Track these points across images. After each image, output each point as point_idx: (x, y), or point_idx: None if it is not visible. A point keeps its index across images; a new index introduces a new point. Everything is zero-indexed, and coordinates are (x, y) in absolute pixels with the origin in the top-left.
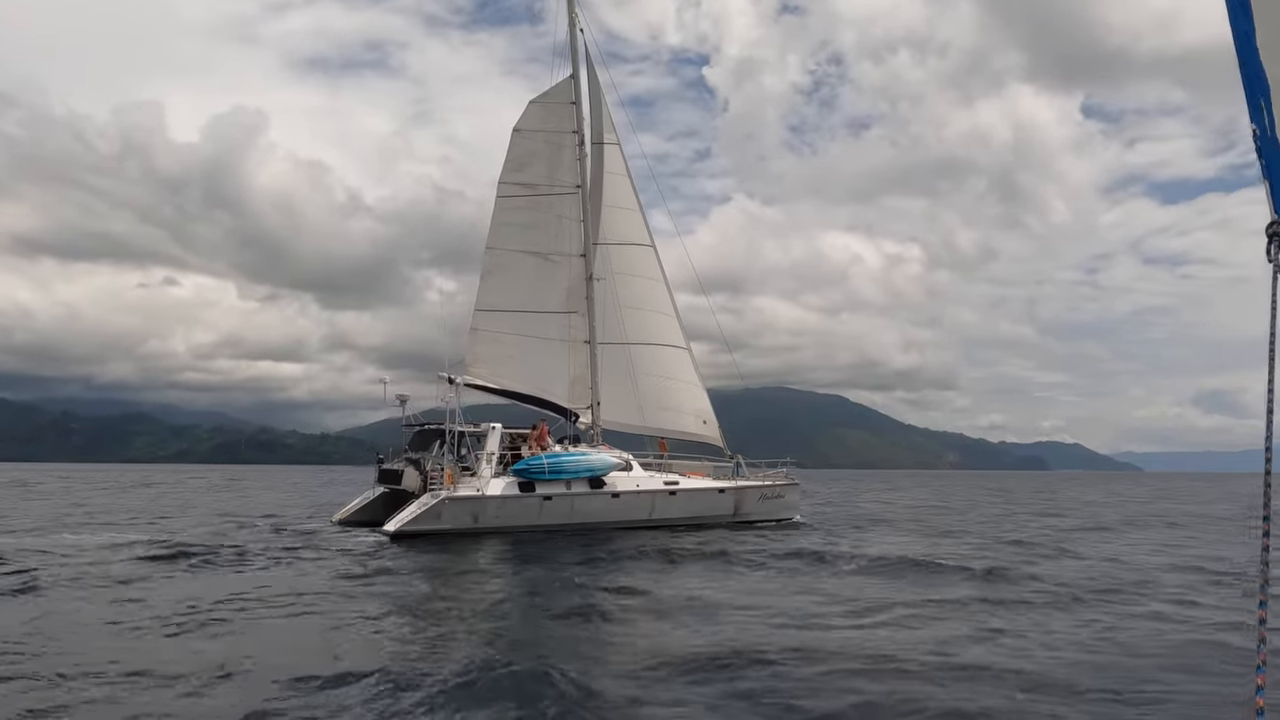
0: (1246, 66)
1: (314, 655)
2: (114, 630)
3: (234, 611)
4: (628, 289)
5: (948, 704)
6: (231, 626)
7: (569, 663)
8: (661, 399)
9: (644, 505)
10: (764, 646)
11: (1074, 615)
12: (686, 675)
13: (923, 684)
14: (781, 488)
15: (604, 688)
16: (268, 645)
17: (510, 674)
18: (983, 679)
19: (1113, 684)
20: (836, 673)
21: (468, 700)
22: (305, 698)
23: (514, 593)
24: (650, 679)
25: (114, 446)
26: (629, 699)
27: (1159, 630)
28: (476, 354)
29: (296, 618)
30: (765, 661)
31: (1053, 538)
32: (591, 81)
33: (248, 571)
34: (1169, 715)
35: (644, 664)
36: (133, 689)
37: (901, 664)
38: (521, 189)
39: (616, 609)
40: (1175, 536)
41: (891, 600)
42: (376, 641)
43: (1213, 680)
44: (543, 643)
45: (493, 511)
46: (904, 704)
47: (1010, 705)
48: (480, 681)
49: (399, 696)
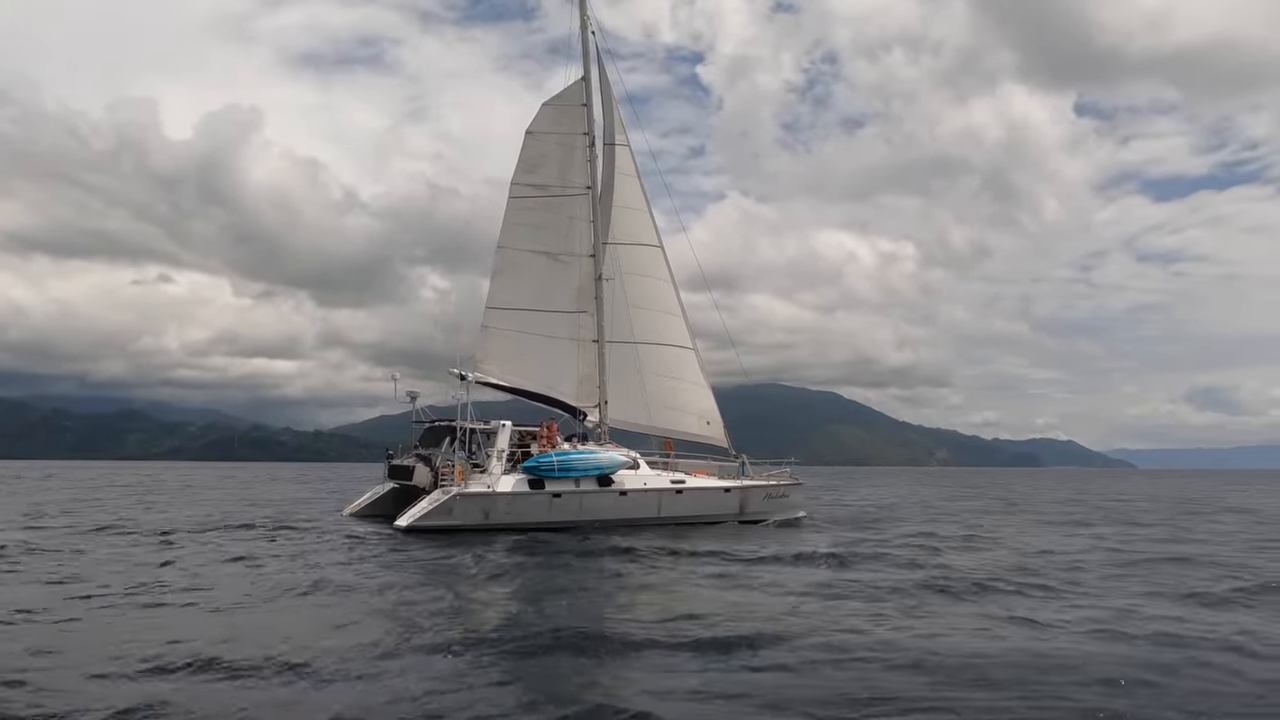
0: None
1: (334, 640)
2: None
3: (259, 601)
4: (636, 289)
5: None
6: (257, 615)
7: (583, 655)
8: (668, 399)
9: (651, 503)
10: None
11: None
12: (688, 670)
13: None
14: (786, 487)
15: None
16: (283, 631)
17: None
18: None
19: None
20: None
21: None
22: (303, 687)
23: (524, 588)
24: (661, 670)
25: (106, 444)
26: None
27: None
28: (487, 351)
29: (308, 610)
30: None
31: (982, 531)
32: (603, 83)
33: (263, 565)
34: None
35: (655, 655)
36: (198, 683)
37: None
38: (534, 190)
39: (625, 601)
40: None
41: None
42: (395, 631)
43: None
44: (557, 634)
45: (503, 508)
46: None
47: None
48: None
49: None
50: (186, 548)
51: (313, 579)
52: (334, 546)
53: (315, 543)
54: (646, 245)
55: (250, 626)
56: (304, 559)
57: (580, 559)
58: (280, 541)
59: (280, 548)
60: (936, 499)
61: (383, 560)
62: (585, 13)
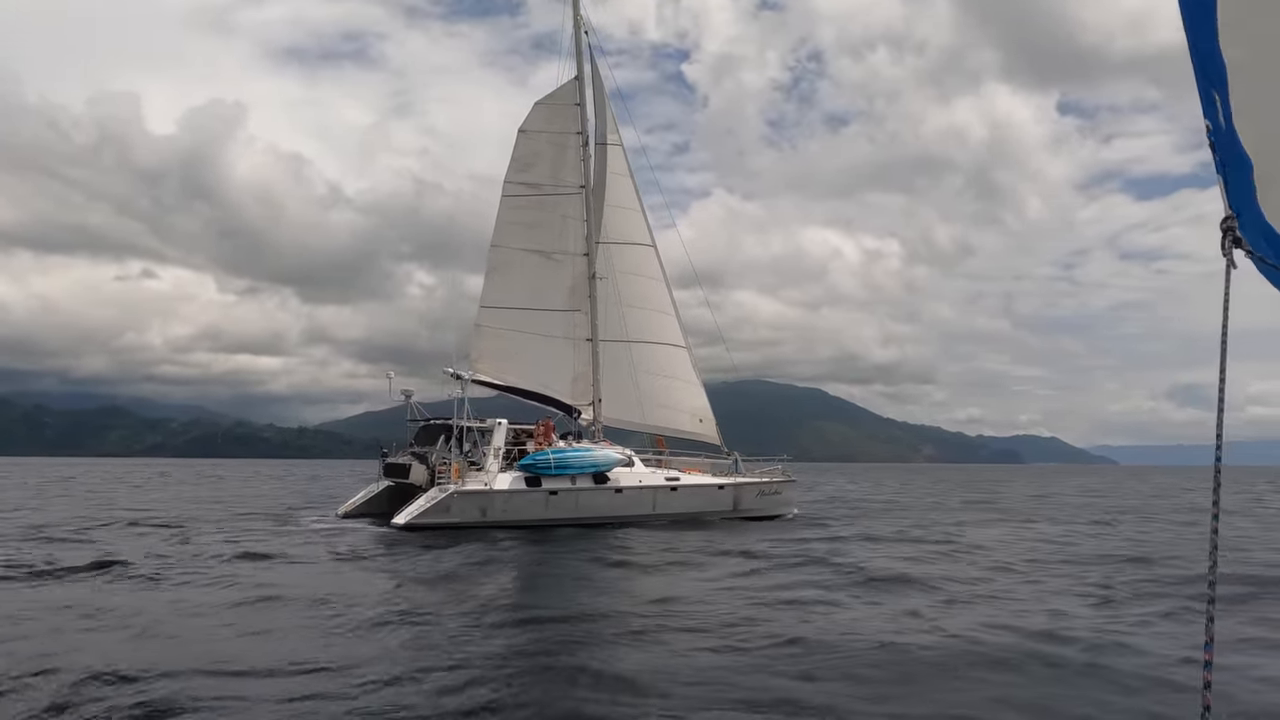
0: (1200, 54)
1: (325, 645)
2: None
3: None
4: (629, 288)
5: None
6: (269, 615)
7: (585, 650)
8: (661, 397)
9: (646, 500)
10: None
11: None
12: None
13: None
14: (778, 484)
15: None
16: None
17: (528, 662)
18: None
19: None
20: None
21: (484, 685)
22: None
23: (523, 584)
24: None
25: (88, 440)
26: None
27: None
28: (481, 350)
29: (309, 610)
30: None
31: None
32: (595, 83)
33: (268, 564)
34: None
35: (654, 649)
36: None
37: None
38: (526, 189)
39: (623, 598)
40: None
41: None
42: (396, 631)
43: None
44: (556, 629)
45: (500, 505)
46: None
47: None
48: (497, 670)
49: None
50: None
51: (318, 582)
52: (336, 547)
53: (316, 545)
54: (639, 244)
55: (263, 627)
56: (306, 559)
57: (574, 555)
58: (279, 543)
59: (281, 550)
60: (902, 494)
61: (384, 561)
62: (578, 12)
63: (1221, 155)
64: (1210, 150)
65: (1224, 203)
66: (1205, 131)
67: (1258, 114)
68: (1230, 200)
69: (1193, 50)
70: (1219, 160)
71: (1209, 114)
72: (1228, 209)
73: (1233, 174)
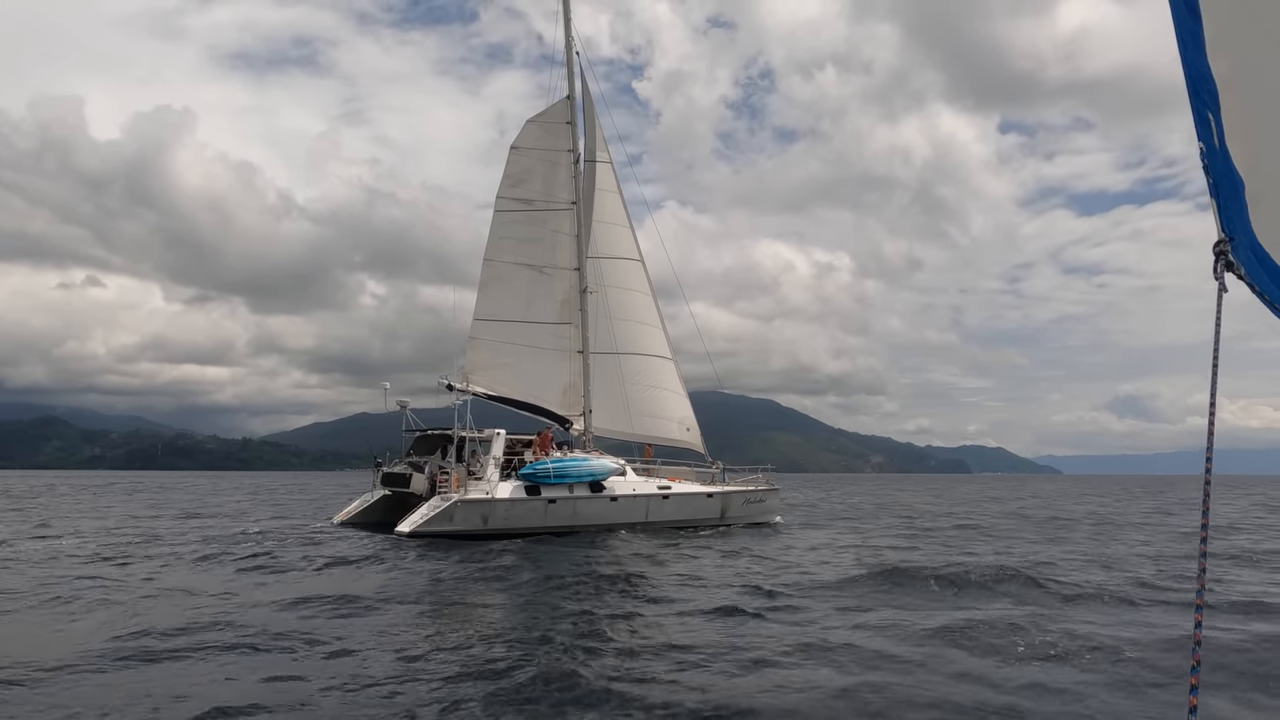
0: (1193, 75)
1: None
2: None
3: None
4: (618, 301)
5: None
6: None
7: (586, 656)
8: (649, 407)
9: (640, 508)
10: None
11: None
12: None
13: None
14: (763, 493)
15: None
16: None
17: (534, 669)
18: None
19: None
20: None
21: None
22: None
23: (532, 590)
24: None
25: (20, 452)
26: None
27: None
28: (474, 362)
29: (312, 618)
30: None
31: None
32: (586, 102)
33: (279, 574)
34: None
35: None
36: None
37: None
38: (518, 204)
39: (622, 604)
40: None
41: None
42: (409, 640)
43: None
44: (561, 638)
45: (501, 513)
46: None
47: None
48: (503, 677)
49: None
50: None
51: (338, 585)
52: (342, 551)
53: (318, 548)
54: (627, 259)
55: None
56: (314, 565)
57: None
58: (280, 548)
59: (285, 552)
60: (826, 504)
61: (401, 565)
62: (570, 32)
63: (1215, 177)
64: (1204, 173)
65: (1217, 225)
66: (1200, 154)
67: (1248, 130)
68: (1223, 223)
69: (1186, 71)
70: (1212, 183)
71: (1203, 136)
72: (1220, 232)
73: (1226, 196)
